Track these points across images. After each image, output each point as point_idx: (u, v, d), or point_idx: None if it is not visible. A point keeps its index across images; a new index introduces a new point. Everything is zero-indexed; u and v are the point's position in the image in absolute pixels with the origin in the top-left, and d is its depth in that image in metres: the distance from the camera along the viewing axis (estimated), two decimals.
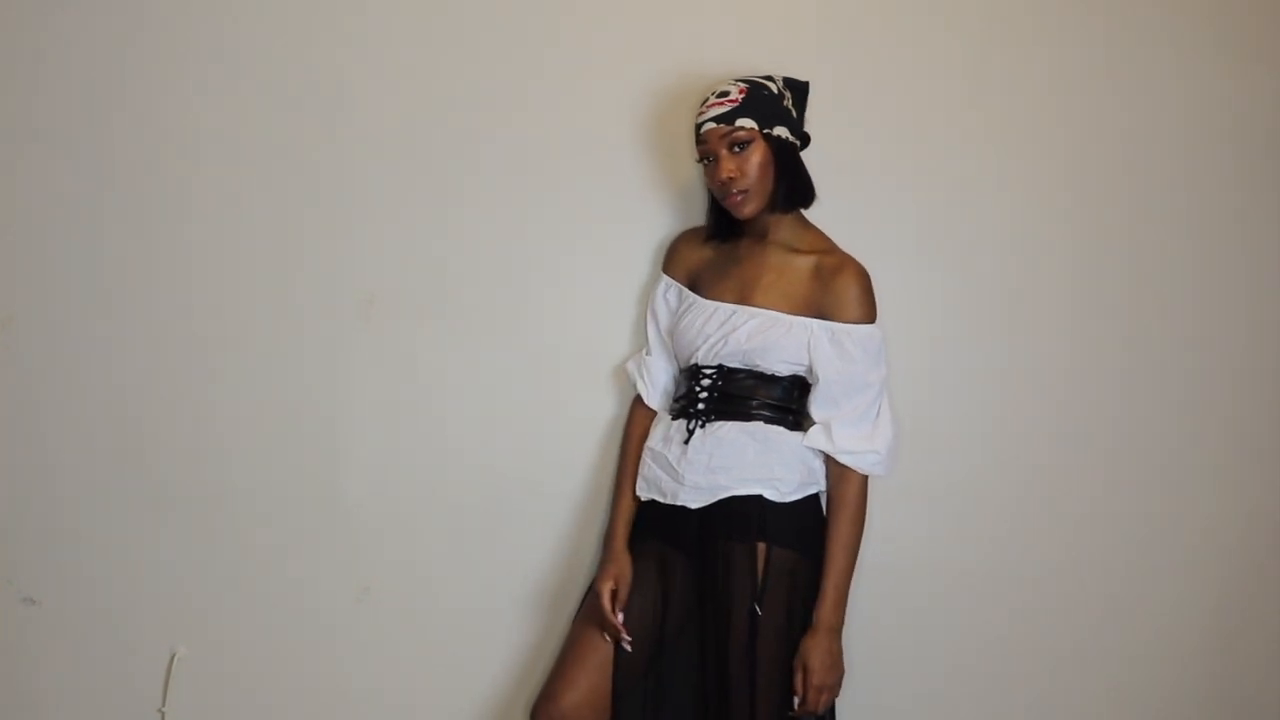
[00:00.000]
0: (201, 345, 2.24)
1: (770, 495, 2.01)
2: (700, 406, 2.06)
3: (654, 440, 2.11)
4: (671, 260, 2.19)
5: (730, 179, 1.99)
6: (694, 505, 2.02)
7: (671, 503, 2.05)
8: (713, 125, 1.99)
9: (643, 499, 2.11)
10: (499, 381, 2.26)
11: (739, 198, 2.01)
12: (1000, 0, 2.33)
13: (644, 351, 2.21)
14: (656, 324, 2.18)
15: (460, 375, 2.26)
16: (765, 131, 2.00)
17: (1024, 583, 2.34)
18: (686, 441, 2.03)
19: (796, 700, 1.97)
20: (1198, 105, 2.36)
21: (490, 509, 2.27)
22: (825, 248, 2.08)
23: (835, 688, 1.99)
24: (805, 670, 1.96)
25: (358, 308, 2.25)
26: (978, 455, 2.33)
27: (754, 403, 2.03)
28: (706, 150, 2.02)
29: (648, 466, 2.10)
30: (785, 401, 2.05)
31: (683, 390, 2.12)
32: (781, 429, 2.04)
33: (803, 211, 2.11)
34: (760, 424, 2.02)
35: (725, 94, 2.01)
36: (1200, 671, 2.37)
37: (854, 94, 2.30)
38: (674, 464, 2.04)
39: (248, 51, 2.24)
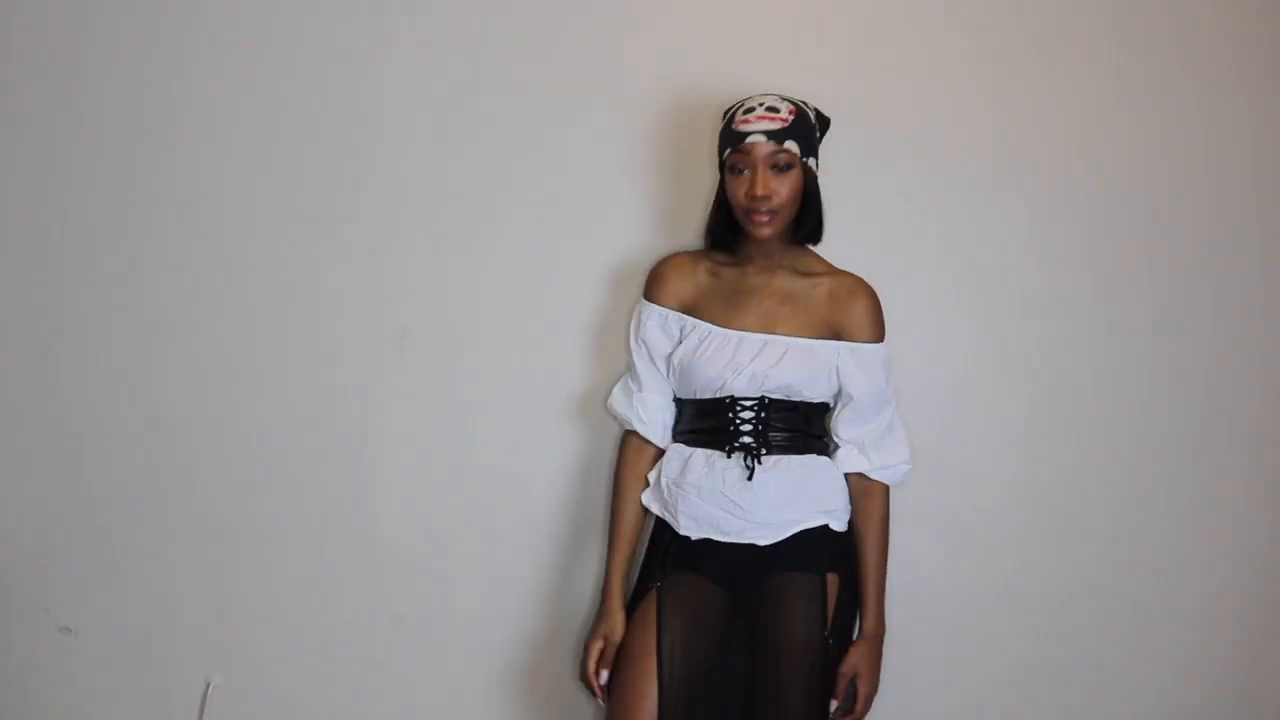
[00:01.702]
0: (238, 376, 2.26)
1: (835, 526, 2.05)
2: (747, 440, 2.02)
3: (692, 476, 2.03)
4: (662, 288, 2.10)
5: (766, 196, 1.95)
6: (764, 542, 2.00)
7: (734, 540, 2.00)
8: (761, 139, 1.94)
9: (694, 538, 2.02)
10: (532, 412, 2.28)
11: (766, 218, 1.97)
12: (1020, 25, 2.36)
13: (633, 386, 2.12)
14: (649, 355, 2.10)
15: (493, 406, 2.28)
16: (804, 160, 2.00)
17: (1048, 604, 2.35)
18: (750, 478, 2.00)
19: (835, 708, 2.00)
20: (1216, 128, 2.38)
21: (524, 538, 2.28)
22: (831, 270, 2.10)
23: (876, 692, 2.06)
24: (858, 680, 2.02)
25: (392, 340, 2.27)
26: (1000, 476, 2.35)
27: (803, 435, 2.05)
28: (745, 161, 1.96)
29: (692, 504, 2.02)
30: (822, 430, 2.09)
31: (706, 423, 2.05)
32: (826, 458, 2.07)
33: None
34: (812, 456, 2.05)
35: (775, 110, 1.97)
36: (1229, 691, 2.38)
37: (875, 116, 2.33)
38: (736, 500, 1.99)
39: (287, 87, 2.28)
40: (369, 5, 2.29)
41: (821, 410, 2.08)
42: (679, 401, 2.12)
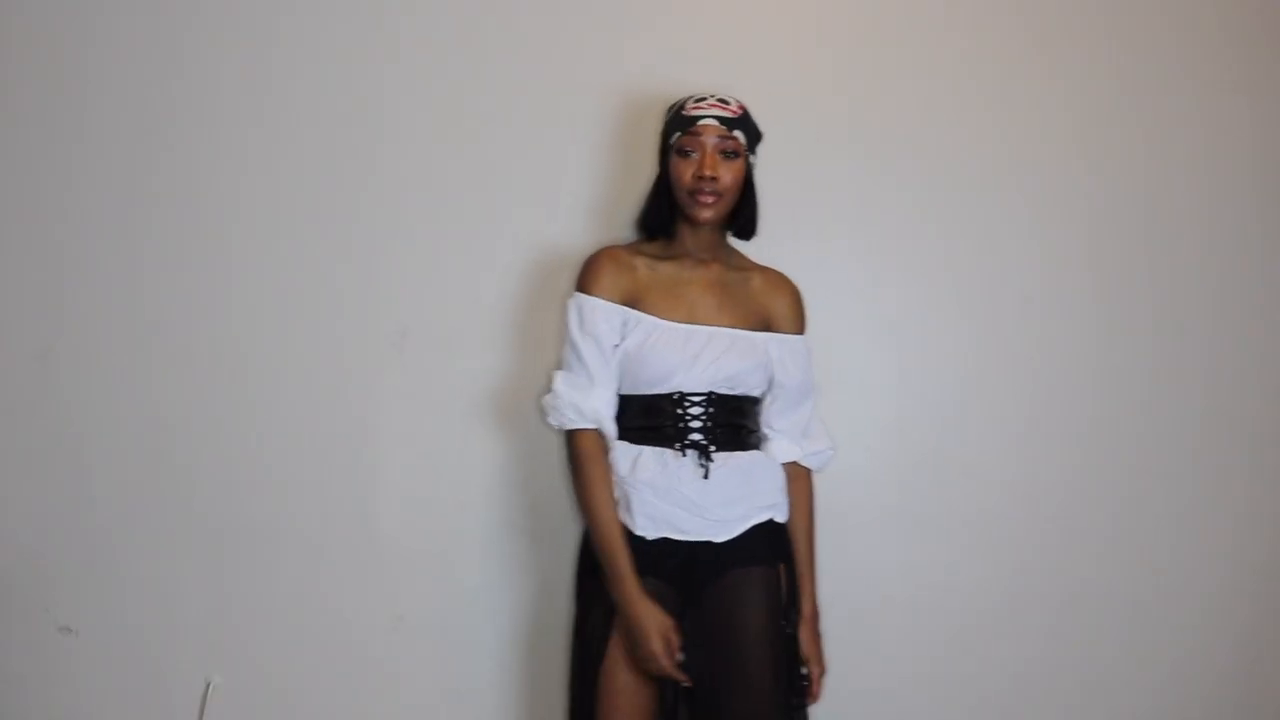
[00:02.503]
0: (238, 376, 2.26)
1: (779, 518, 2.06)
2: (698, 437, 2.01)
3: (645, 474, 1.98)
4: (599, 281, 2.04)
5: (713, 177, 1.98)
6: (721, 539, 2.00)
7: (693, 539, 1.99)
8: (714, 123, 1.99)
9: (650, 538, 1.97)
10: (532, 411, 2.27)
11: (710, 199, 1.99)
12: (1020, 25, 2.37)
13: (584, 383, 2.01)
14: (600, 350, 2.02)
15: (492, 405, 2.28)
16: (748, 153, 2.04)
17: (1049, 604, 2.36)
18: (706, 476, 2.00)
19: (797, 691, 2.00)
20: (1216, 128, 2.39)
21: (523, 538, 2.28)
22: (757, 265, 2.15)
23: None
24: (809, 663, 2.04)
25: (392, 340, 2.27)
26: (1000, 476, 2.36)
27: (744, 430, 2.07)
28: (694, 144, 1.99)
29: (649, 504, 1.97)
30: (756, 424, 2.11)
31: (652, 419, 2.02)
32: (763, 453, 2.09)
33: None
34: (755, 451, 2.07)
35: (726, 102, 2.02)
36: (1229, 691, 2.39)
37: (875, 121, 2.34)
38: (694, 499, 1.98)
39: (287, 87, 2.28)
40: (368, 6, 2.30)
41: (754, 404, 2.10)
42: (620, 397, 2.05)
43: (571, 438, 2.03)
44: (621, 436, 2.04)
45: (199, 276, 2.27)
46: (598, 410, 2.01)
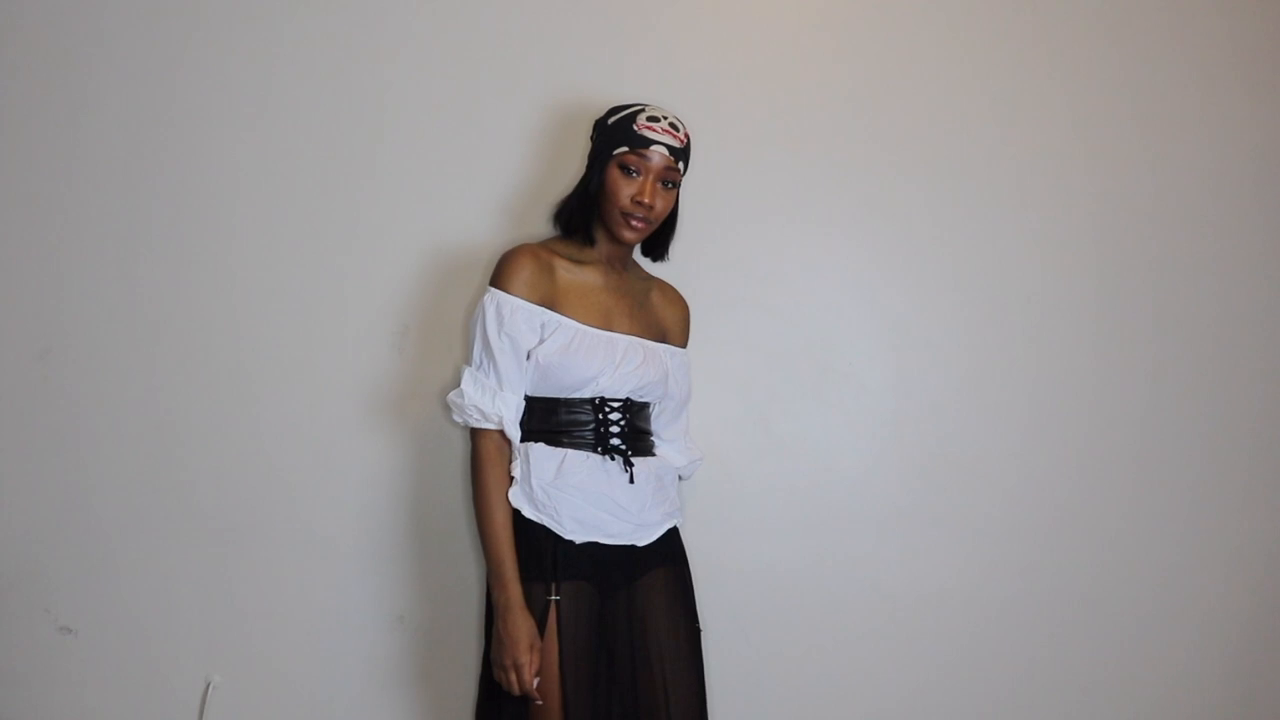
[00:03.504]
0: (237, 377, 2.26)
1: (678, 523, 2.12)
2: (617, 442, 2.01)
3: (574, 478, 1.96)
4: (519, 282, 1.99)
5: (649, 205, 1.99)
6: (644, 542, 2.02)
7: (619, 543, 1.99)
8: (664, 151, 1.99)
9: (578, 542, 1.95)
10: None
11: (641, 225, 2.02)
12: (1021, 25, 2.37)
13: (493, 384, 1.98)
14: (515, 351, 1.98)
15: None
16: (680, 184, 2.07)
17: (1049, 604, 2.36)
18: (631, 480, 2.00)
19: None
20: (1219, 128, 2.39)
21: None
22: (652, 276, 2.20)
23: None
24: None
25: (392, 339, 2.27)
26: (1001, 476, 2.36)
27: (648, 436, 2.10)
28: (641, 165, 1.99)
29: (578, 508, 1.96)
30: (651, 430, 2.13)
31: (570, 423, 2.00)
32: (664, 459, 2.13)
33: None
34: (658, 456, 2.11)
35: (676, 129, 2.02)
36: (1229, 691, 2.39)
37: (875, 121, 2.34)
38: (622, 503, 1.98)
39: (287, 89, 2.29)
40: (369, 6, 2.30)
41: (649, 410, 2.11)
42: (529, 398, 2.02)
43: (474, 437, 2.00)
44: (534, 439, 2.00)
45: (198, 277, 2.27)
46: (501, 414, 1.97)
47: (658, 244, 2.16)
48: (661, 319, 2.16)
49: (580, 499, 1.97)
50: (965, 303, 2.37)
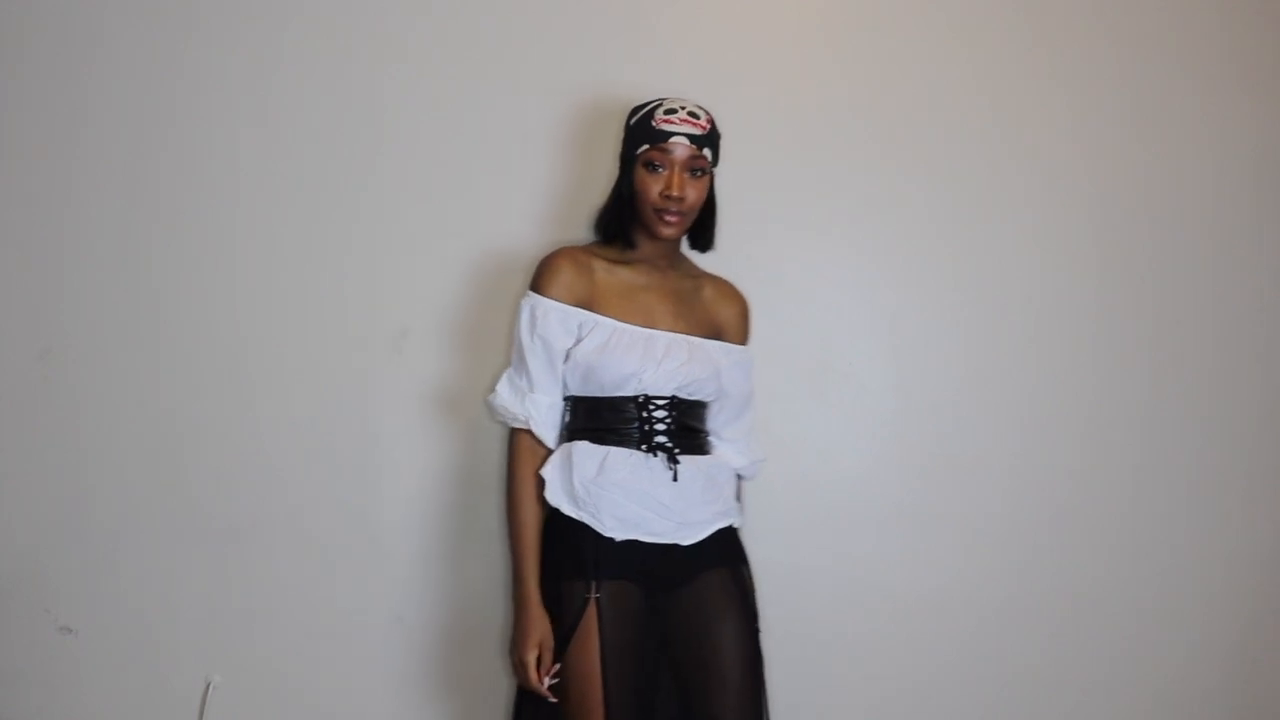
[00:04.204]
0: (238, 376, 2.26)
1: (735, 523, 2.10)
2: (663, 440, 2.00)
3: (616, 475, 1.96)
4: (556, 284, 2.02)
5: (681, 197, 1.98)
6: (688, 542, 2.00)
7: (662, 541, 1.97)
8: (685, 141, 1.98)
9: (617, 539, 1.95)
10: None
11: (676, 218, 1.99)
12: (1021, 25, 2.37)
13: (523, 385, 2.02)
14: (548, 354, 2.01)
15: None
16: (712, 170, 2.04)
17: (1049, 604, 2.36)
18: (675, 478, 1.98)
19: None
20: (1220, 128, 2.40)
21: None
22: (706, 273, 2.16)
23: None
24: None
25: (392, 340, 2.27)
26: (1001, 476, 2.36)
27: (701, 434, 2.08)
28: (664, 160, 1.98)
29: (619, 506, 1.95)
30: (707, 429, 2.11)
31: (614, 421, 2.00)
32: (718, 458, 2.10)
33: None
34: (712, 455, 2.09)
35: (696, 116, 2.00)
36: (1230, 692, 2.39)
37: (875, 121, 2.34)
38: (665, 501, 1.97)
39: (288, 87, 2.29)
40: (370, 7, 2.30)
41: (704, 410, 2.09)
42: (574, 398, 2.04)
43: (510, 435, 2.06)
44: (578, 437, 2.02)
45: (198, 277, 2.27)
46: (530, 414, 2.01)
47: (700, 234, 2.10)
48: (714, 316, 2.11)
49: (621, 496, 1.96)
50: (965, 303, 2.37)
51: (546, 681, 1.91)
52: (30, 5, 2.27)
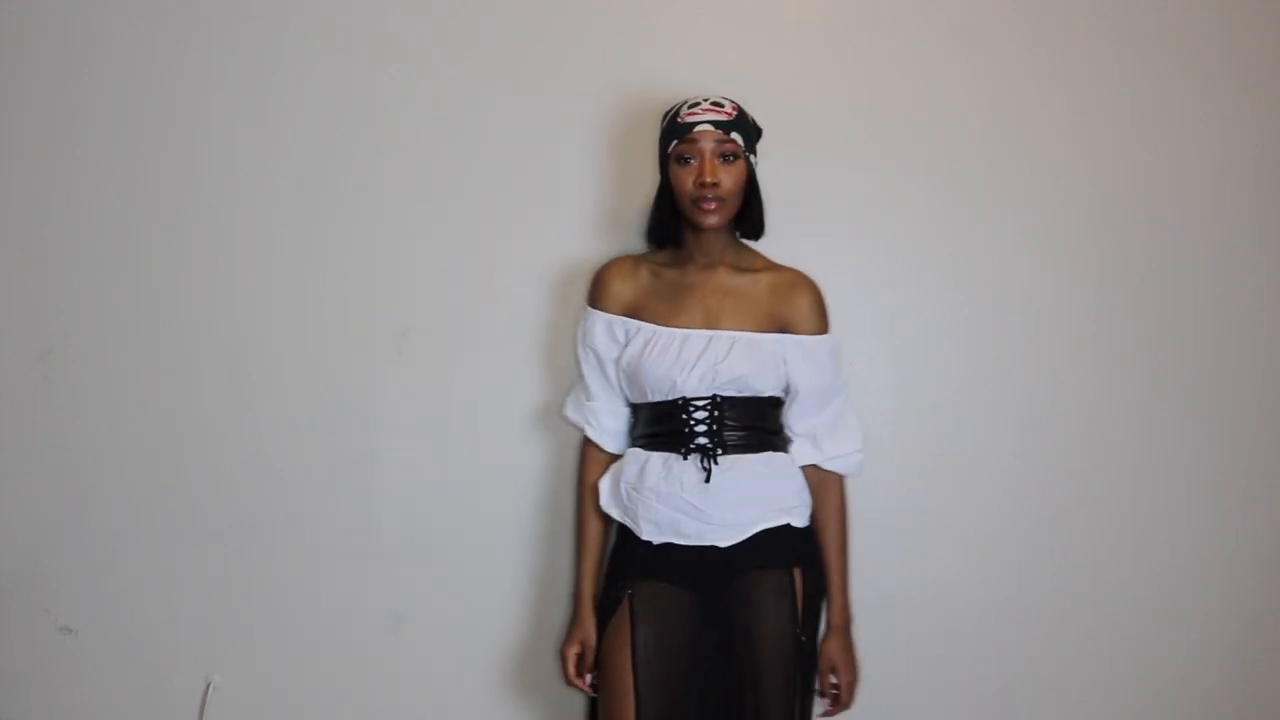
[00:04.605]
0: (238, 376, 2.27)
1: (795, 523, 2.05)
2: (703, 441, 2.00)
3: (650, 480, 2.00)
4: (605, 293, 2.10)
5: (714, 183, 1.97)
6: (725, 543, 2.00)
7: (695, 543, 1.99)
8: (709, 128, 1.98)
9: (655, 543, 2.00)
10: (532, 412, 2.28)
11: (714, 205, 1.99)
12: (1021, 24, 2.37)
13: (582, 397, 2.13)
14: (599, 363, 2.09)
15: (493, 406, 2.28)
16: (747, 154, 2.03)
17: (1049, 604, 2.36)
18: (707, 480, 2.00)
19: (826, 703, 2.07)
20: (1220, 128, 2.39)
21: (523, 538, 2.28)
22: (771, 265, 2.12)
23: (858, 680, 2.09)
24: (838, 671, 2.06)
25: (392, 340, 2.27)
26: (1001, 476, 2.36)
27: (758, 432, 2.04)
28: (692, 150, 1.99)
29: (652, 509, 2.00)
30: (777, 425, 2.09)
31: (660, 426, 2.03)
32: (782, 454, 2.07)
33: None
34: (770, 453, 2.05)
35: (720, 105, 2.01)
36: (1230, 692, 2.38)
37: (875, 121, 2.34)
38: (695, 504, 1.98)
39: (289, 87, 2.29)
40: (371, 7, 2.30)
41: (774, 404, 2.07)
42: (633, 406, 2.10)
43: (581, 445, 2.17)
44: (635, 444, 2.08)
45: (199, 277, 2.27)
46: (588, 422, 2.12)
47: (747, 221, 2.08)
48: (774, 308, 2.06)
49: (654, 500, 2.00)
50: (965, 303, 2.36)
51: (588, 678, 2.05)
52: (30, 5, 2.27)
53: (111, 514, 2.26)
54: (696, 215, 2.01)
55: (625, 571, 2.03)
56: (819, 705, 2.08)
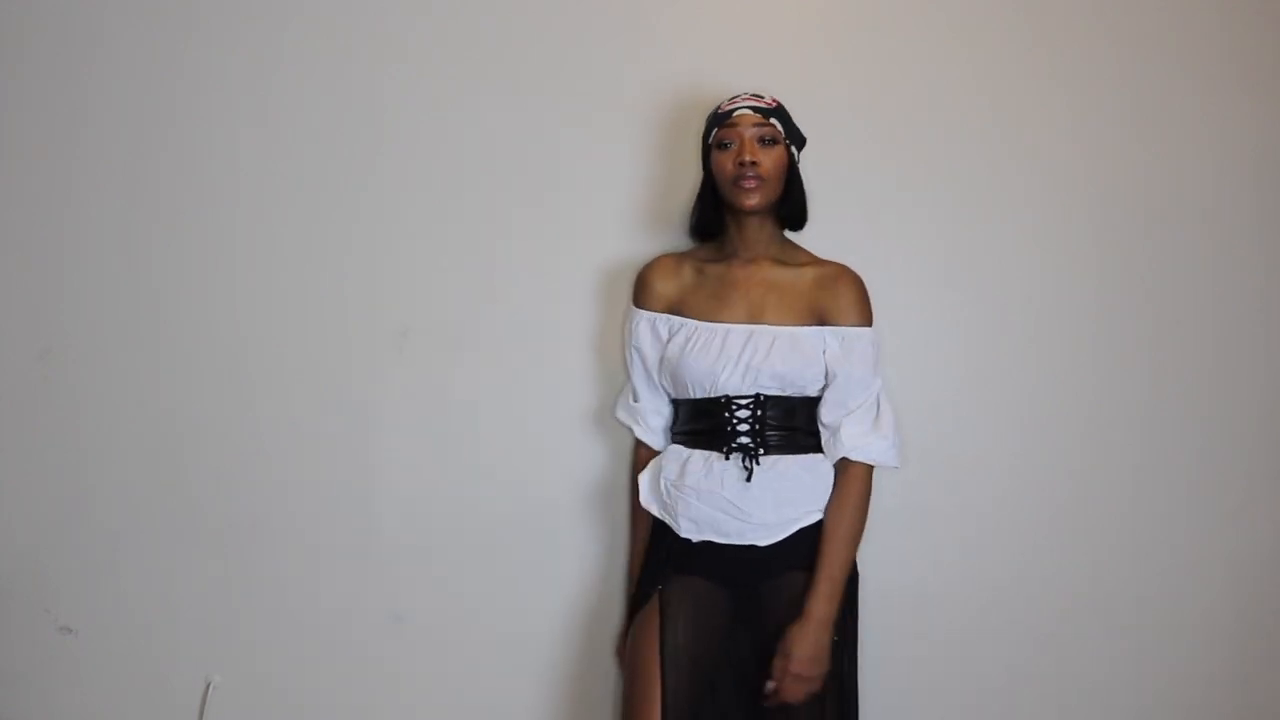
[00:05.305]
0: (238, 376, 2.27)
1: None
2: (745, 441, 2.01)
3: (691, 478, 2.01)
4: (649, 292, 2.12)
5: (753, 162, 1.99)
6: (764, 543, 1.99)
7: (734, 542, 1.99)
8: (748, 112, 2.02)
9: (694, 540, 2.01)
10: (532, 412, 2.28)
11: (753, 184, 1.99)
12: (1021, 24, 2.37)
13: (629, 397, 2.16)
14: (643, 362, 2.11)
15: (493, 406, 2.28)
16: (787, 142, 2.06)
17: (1049, 604, 2.36)
18: (749, 479, 1.99)
19: (769, 686, 1.96)
20: (1220, 128, 2.39)
21: (523, 536, 2.29)
22: (815, 260, 2.12)
23: (816, 681, 1.95)
24: (787, 658, 1.94)
25: (393, 340, 2.27)
26: (1001, 476, 2.36)
27: (799, 433, 2.04)
28: (732, 134, 2.02)
29: (692, 507, 2.00)
30: (816, 427, 2.07)
31: (701, 423, 2.04)
32: (820, 455, 2.06)
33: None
34: (809, 455, 2.04)
35: (760, 95, 2.06)
36: (1229, 692, 2.38)
37: (875, 122, 2.34)
38: (736, 503, 1.98)
39: (289, 87, 2.29)
40: (371, 7, 2.30)
41: (815, 405, 2.07)
42: (675, 402, 2.12)
43: (634, 443, 2.20)
44: (675, 440, 2.09)
45: (199, 276, 2.27)
46: (635, 420, 2.15)
47: (786, 209, 2.08)
48: (816, 302, 2.05)
49: (694, 498, 2.00)
50: (965, 303, 2.36)
51: None
52: (30, 5, 2.27)
53: (111, 514, 2.26)
54: (737, 196, 2.01)
55: (660, 567, 2.04)
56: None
